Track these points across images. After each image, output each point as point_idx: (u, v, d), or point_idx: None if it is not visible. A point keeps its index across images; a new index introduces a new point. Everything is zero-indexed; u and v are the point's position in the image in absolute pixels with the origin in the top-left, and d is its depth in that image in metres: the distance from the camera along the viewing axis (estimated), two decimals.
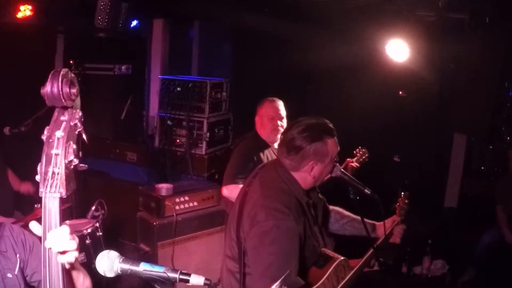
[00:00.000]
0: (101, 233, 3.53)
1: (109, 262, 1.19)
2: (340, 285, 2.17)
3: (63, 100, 1.23)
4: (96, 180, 4.92)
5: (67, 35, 4.88)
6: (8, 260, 1.55)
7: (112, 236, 3.99)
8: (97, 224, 3.53)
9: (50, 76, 1.21)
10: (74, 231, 3.52)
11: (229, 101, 4.81)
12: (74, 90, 1.24)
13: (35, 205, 3.62)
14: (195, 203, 3.72)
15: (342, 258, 2.22)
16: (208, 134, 4.51)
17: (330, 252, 2.27)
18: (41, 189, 1.21)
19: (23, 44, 4.30)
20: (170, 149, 4.58)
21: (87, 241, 3.38)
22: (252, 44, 5.25)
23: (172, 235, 3.51)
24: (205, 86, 4.51)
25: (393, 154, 4.80)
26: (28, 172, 4.33)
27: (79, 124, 1.29)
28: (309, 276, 2.15)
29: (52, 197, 1.21)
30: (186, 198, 3.68)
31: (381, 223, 2.48)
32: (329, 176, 2.35)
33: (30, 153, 4.55)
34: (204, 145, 4.52)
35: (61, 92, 1.21)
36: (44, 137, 1.24)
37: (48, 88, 1.21)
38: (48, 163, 1.22)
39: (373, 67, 4.46)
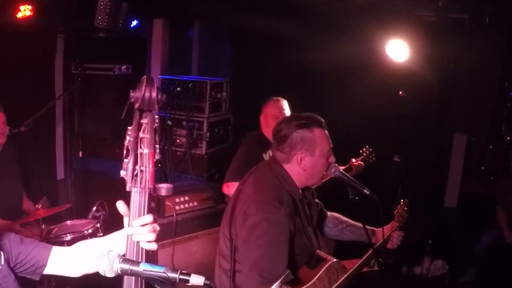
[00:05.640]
0: (102, 234, 3.53)
1: (109, 262, 1.19)
2: (333, 287, 2.17)
3: (156, 105, 1.36)
4: (96, 180, 4.92)
5: (67, 35, 4.88)
6: None
7: None
8: (98, 225, 3.53)
9: (145, 82, 1.35)
10: (76, 231, 3.50)
11: (229, 101, 4.81)
12: (163, 97, 1.38)
13: (36, 206, 3.63)
14: (195, 203, 3.72)
15: (335, 260, 2.22)
16: (208, 134, 4.51)
17: (323, 254, 2.28)
18: (129, 185, 1.36)
19: (23, 44, 4.30)
20: (170, 149, 4.58)
21: None
22: (252, 44, 5.25)
23: (172, 235, 3.51)
24: (205, 86, 4.50)
25: (393, 154, 4.79)
26: (28, 171, 4.33)
27: (157, 127, 1.41)
28: (301, 276, 2.16)
29: (140, 192, 1.36)
30: (186, 198, 3.67)
31: (380, 229, 2.49)
32: (328, 177, 2.35)
33: (31, 153, 4.56)
34: (204, 145, 4.52)
35: (156, 98, 1.35)
36: (129, 138, 1.36)
37: (143, 93, 1.34)
38: (136, 161, 1.35)
39: (373, 67, 4.46)
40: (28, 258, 1.64)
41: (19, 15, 3.71)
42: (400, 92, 4.88)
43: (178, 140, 4.60)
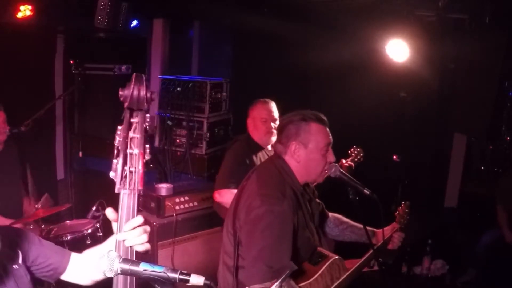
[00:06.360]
0: (101, 234, 3.53)
1: (109, 263, 1.19)
2: (335, 285, 2.18)
3: (145, 103, 1.30)
4: (96, 180, 4.92)
5: (67, 35, 4.88)
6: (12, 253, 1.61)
7: None
8: (98, 225, 3.53)
9: (134, 80, 1.28)
10: (75, 231, 3.51)
11: (229, 101, 4.81)
12: (154, 95, 1.32)
13: (36, 206, 3.63)
14: (195, 203, 3.72)
15: (337, 257, 2.24)
16: (208, 134, 4.51)
17: (325, 251, 2.29)
18: (118, 186, 1.31)
19: (23, 44, 4.29)
20: (170, 149, 4.58)
21: (88, 242, 3.39)
22: (252, 44, 5.25)
23: (172, 235, 3.51)
24: (205, 86, 4.51)
25: (392, 154, 4.79)
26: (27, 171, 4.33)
27: (148, 126, 1.35)
28: (303, 271, 2.17)
29: (129, 194, 1.32)
30: (186, 198, 3.68)
31: (381, 230, 2.50)
32: (326, 175, 2.36)
33: (31, 153, 4.55)
34: (204, 145, 4.52)
35: (145, 96, 1.29)
36: (119, 138, 1.30)
37: (132, 92, 1.28)
38: (125, 162, 1.30)
39: (373, 67, 4.46)
40: (46, 263, 1.62)
41: (19, 15, 3.72)
42: (400, 93, 4.87)
43: (178, 140, 4.60)
